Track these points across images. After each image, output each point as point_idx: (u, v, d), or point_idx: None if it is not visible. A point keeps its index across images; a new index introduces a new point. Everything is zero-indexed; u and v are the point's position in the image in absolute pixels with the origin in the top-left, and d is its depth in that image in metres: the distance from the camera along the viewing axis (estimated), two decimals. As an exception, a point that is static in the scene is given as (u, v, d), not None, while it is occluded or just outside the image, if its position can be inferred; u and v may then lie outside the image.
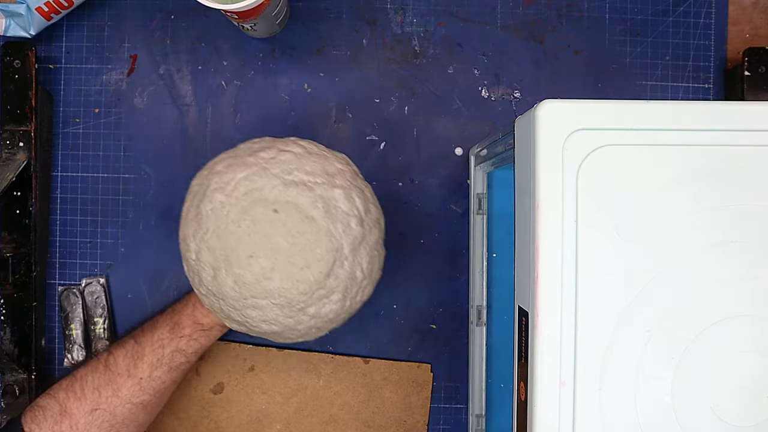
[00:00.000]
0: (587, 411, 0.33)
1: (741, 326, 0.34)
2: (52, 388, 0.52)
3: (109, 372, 0.52)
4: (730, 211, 0.34)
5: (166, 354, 0.53)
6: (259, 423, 0.62)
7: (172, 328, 0.54)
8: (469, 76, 0.63)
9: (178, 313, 0.55)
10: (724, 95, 0.63)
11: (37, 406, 0.51)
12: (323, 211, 0.45)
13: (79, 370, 0.53)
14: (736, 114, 0.34)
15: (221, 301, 0.47)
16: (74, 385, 0.51)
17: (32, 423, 0.50)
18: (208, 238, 0.46)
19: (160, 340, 0.53)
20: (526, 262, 0.34)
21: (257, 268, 0.45)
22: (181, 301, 0.57)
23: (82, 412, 0.50)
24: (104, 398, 0.51)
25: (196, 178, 0.51)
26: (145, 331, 0.54)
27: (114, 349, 0.54)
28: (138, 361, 0.52)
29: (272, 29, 0.61)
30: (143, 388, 0.52)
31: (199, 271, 0.47)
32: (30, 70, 0.58)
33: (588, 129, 0.33)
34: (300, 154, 0.47)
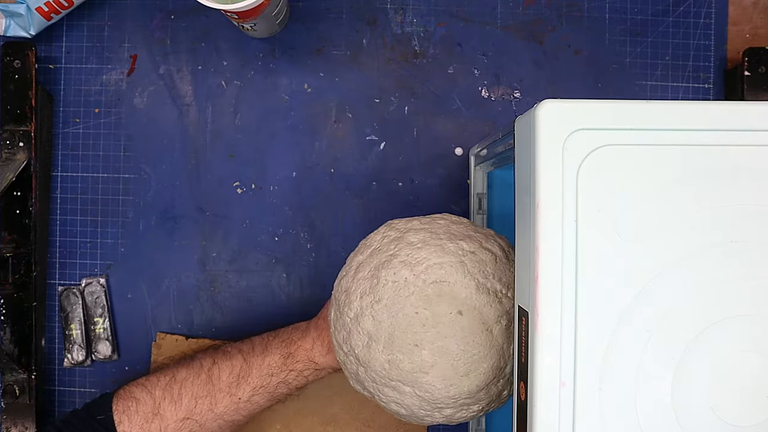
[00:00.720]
0: (587, 411, 0.33)
1: (741, 326, 0.34)
2: (149, 381, 0.52)
3: (211, 384, 0.51)
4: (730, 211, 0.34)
5: (272, 383, 0.52)
6: (259, 423, 0.62)
7: (285, 359, 0.52)
8: (469, 76, 0.63)
9: (294, 345, 0.52)
10: (724, 95, 0.63)
11: (132, 397, 0.50)
12: (504, 328, 0.43)
13: (179, 370, 0.52)
14: (736, 114, 0.34)
15: (361, 368, 0.45)
16: (173, 388, 0.51)
17: (123, 413, 0.49)
18: (379, 308, 0.42)
19: (270, 368, 0.51)
20: (526, 262, 0.34)
21: (418, 360, 0.42)
22: (298, 331, 0.54)
23: (175, 418, 0.50)
24: (199, 409, 0.50)
25: (384, 226, 0.47)
26: (255, 351, 0.52)
27: (220, 360, 0.52)
28: (242, 382, 0.51)
29: (272, 29, 0.61)
30: (239, 409, 0.51)
31: (352, 332, 0.44)
32: (30, 70, 0.58)
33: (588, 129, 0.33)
34: (499, 258, 0.44)
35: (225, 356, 0.52)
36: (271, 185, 0.62)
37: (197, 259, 0.62)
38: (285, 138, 0.62)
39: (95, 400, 0.52)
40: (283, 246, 0.63)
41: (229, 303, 0.62)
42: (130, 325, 0.62)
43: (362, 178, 0.63)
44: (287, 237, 0.63)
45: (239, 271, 0.63)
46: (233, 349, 0.53)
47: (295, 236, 0.63)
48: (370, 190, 0.63)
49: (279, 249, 0.63)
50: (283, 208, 0.62)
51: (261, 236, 0.62)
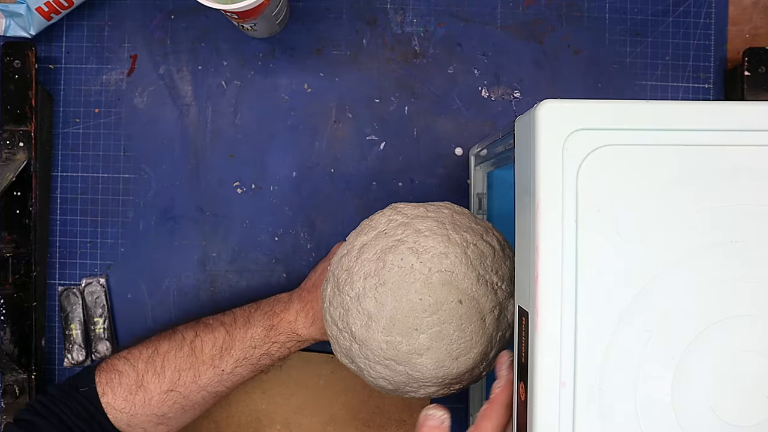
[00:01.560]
0: (587, 411, 0.33)
1: (741, 326, 0.34)
2: (131, 354, 0.52)
3: (194, 357, 0.51)
4: (730, 211, 0.34)
5: (255, 355, 0.52)
6: (259, 423, 0.62)
7: (267, 331, 0.52)
8: (469, 76, 0.63)
9: (277, 317, 0.53)
10: (724, 95, 0.63)
11: (115, 369, 0.51)
12: (495, 318, 0.45)
13: (161, 342, 0.52)
14: (736, 114, 0.34)
15: (356, 345, 0.46)
16: (155, 360, 0.51)
17: (106, 385, 0.50)
18: (383, 291, 0.44)
19: (253, 340, 0.52)
20: (526, 262, 0.34)
21: (415, 343, 0.44)
22: (280, 303, 0.54)
23: (158, 390, 0.50)
24: (183, 382, 0.51)
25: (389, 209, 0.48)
26: (238, 323, 0.53)
27: (202, 332, 0.52)
28: (225, 354, 0.52)
29: (272, 29, 0.61)
30: (222, 380, 0.52)
31: (351, 310, 0.45)
32: (30, 70, 0.58)
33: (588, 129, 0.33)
34: (497, 251, 0.46)
35: (207, 329, 0.53)
36: (271, 185, 0.62)
37: (197, 259, 0.62)
38: (285, 138, 0.62)
39: (78, 374, 0.52)
40: (283, 246, 0.63)
41: (229, 303, 0.62)
42: (130, 325, 0.62)
43: (362, 178, 0.63)
44: (287, 237, 0.63)
45: (239, 271, 0.63)
46: (215, 321, 0.54)
47: (295, 236, 0.63)
48: (370, 190, 0.63)
49: (279, 249, 0.63)
50: (283, 208, 0.62)
51: (261, 236, 0.62)
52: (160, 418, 0.51)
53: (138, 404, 0.50)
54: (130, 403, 0.50)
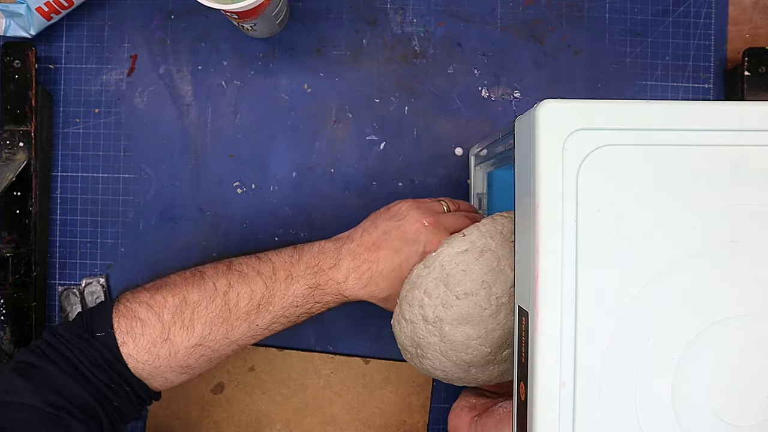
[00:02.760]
0: (587, 411, 0.33)
1: (741, 326, 0.34)
2: (155, 300, 0.46)
3: (227, 311, 0.46)
4: (730, 211, 0.34)
5: (295, 313, 0.48)
6: (259, 423, 0.62)
7: (312, 289, 0.47)
8: (469, 76, 0.63)
9: (324, 275, 0.48)
10: (724, 95, 0.63)
11: (137, 317, 0.45)
12: None
13: (190, 291, 0.46)
14: (736, 114, 0.34)
15: (436, 339, 0.45)
16: (184, 312, 0.46)
17: (127, 334, 0.45)
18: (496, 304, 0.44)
19: (294, 298, 0.47)
20: (526, 262, 0.34)
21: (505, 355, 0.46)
22: (328, 257, 0.48)
23: (186, 344, 0.46)
24: (213, 336, 0.46)
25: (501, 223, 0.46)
26: (278, 276, 0.47)
27: (237, 283, 0.47)
28: (262, 310, 0.47)
29: (272, 29, 0.61)
30: (255, 335, 0.48)
31: (452, 307, 0.44)
32: (30, 70, 0.58)
33: (588, 129, 0.33)
34: None
35: (242, 279, 0.47)
36: (271, 185, 0.62)
37: (197, 259, 0.62)
38: (285, 138, 0.62)
39: (92, 312, 0.47)
40: (283, 246, 0.62)
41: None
42: (130, 325, 0.62)
43: (362, 178, 0.63)
44: (287, 237, 0.63)
45: (239, 271, 0.62)
46: (250, 269, 0.48)
47: (295, 236, 0.63)
48: (370, 190, 0.63)
49: (279, 249, 0.62)
50: (283, 208, 0.62)
51: (261, 236, 0.62)
52: (184, 368, 0.47)
53: (162, 357, 0.45)
54: (154, 355, 0.45)
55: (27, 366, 0.43)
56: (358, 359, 0.62)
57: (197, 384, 0.61)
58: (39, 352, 0.44)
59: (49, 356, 0.44)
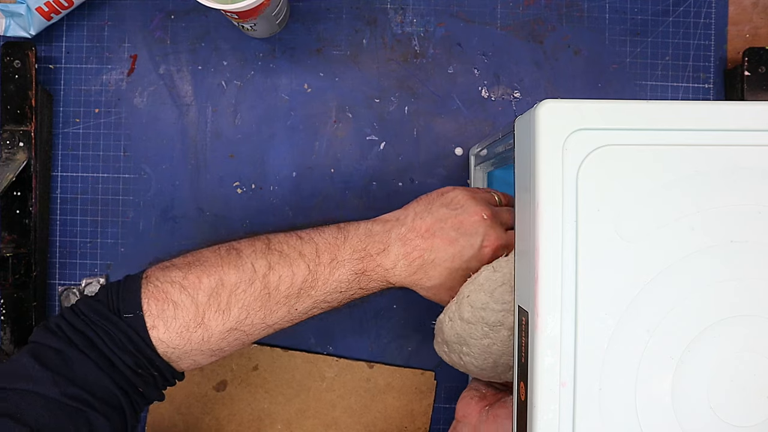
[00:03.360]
0: (587, 411, 0.33)
1: (741, 326, 0.34)
2: (188, 281, 0.43)
3: (267, 295, 0.43)
4: (730, 211, 0.34)
5: (337, 299, 0.45)
6: (260, 422, 0.62)
7: (358, 275, 0.45)
8: (469, 76, 0.63)
9: (372, 260, 0.45)
10: (724, 95, 0.63)
11: (169, 299, 0.42)
12: None
13: (227, 272, 0.43)
14: (736, 114, 0.34)
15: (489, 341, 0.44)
16: (220, 294, 0.43)
17: (158, 317, 0.42)
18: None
19: (339, 284, 0.45)
20: (526, 262, 0.34)
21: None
22: (375, 242, 0.46)
23: (220, 329, 0.43)
24: (250, 321, 0.44)
25: None
26: (321, 259, 0.44)
27: (277, 265, 0.44)
28: (303, 295, 0.44)
29: (272, 29, 0.61)
30: (293, 319, 0.45)
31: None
32: (30, 70, 0.58)
33: (588, 129, 0.33)
34: None
35: (284, 261, 0.44)
36: (271, 185, 0.62)
37: (197, 259, 0.62)
38: (285, 138, 0.62)
39: (119, 291, 0.44)
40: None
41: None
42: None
43: (362, 178, 0.63)
44: (287, 237, 0.63)
45: (239, 271, 0.62)
46: (292, 250, 0.45)
47: (295, 236, 0.63)
48: (370, 190, 0.63)
49: (279, 249, 0.62)
50: (283, 208, 0.62)
51: (261, 236, 0.62)
52: (215, 351, 0.45)
53: (195, 341, 0.43)
54: (186, 339, 0.42)
55: (46, 350, 0.40)
56: (362, 363, 0.62)
57: (200, 381, 0.61)
58: (61, 335, 0.41)
59: (72, 340, 0.41)
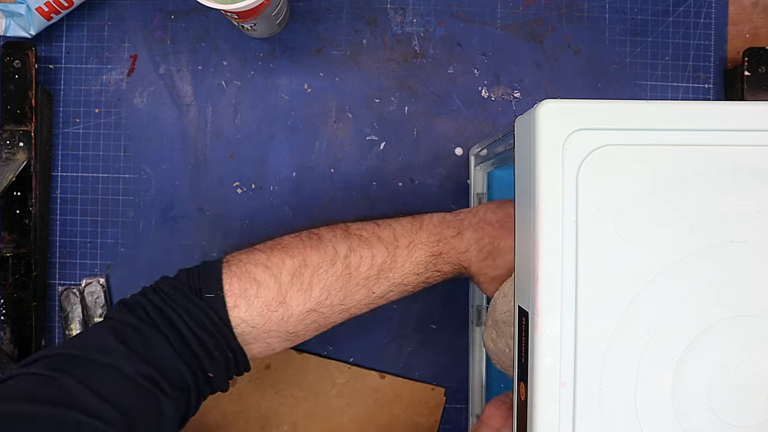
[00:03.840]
0: (587, 411, 0.33)
1: (741, 326, 0.34)
2: (271, 261, 0.44)
3: (348, 275, 0.44)
4: (730, 211, 0.34)
5: (413, 282, 0.46)
6: (267, 421, 0.62)
7: (435, 258, 0.46)
8: (469, 76, 0.63)
9: (447, 244, 0.46)
10: (724, 95, 0.63)
11: (253, 278, 0.43)
12: None
13: (309, 253, 0.44)
14: (736, 114, 0.34)
15: None
16: (303, 274, 0.43)
17: (240, 297, 0.42)
18: None
19: (416, 266, 0.45)
20: (526, 262, 0.34)
21: None
22: (450, 228, 0.47)
23: (301, 309, 0.43)
24: (329, 302, 0.44)
25: None
26: (400, 243, 0.46)
27: (357, 247, 0.45)
28: (382, 277, 0.45)
29: (272, 29, 0.61)
30: (369, 303, 0.46)
31: None
32: (30, 70, 0.58)
33: (588, 129, 0.33)
34: None
35: (363, 243, 0.45)
36: (271, 185, 0.62)
37: (197, 259, 0.62)
38: (285, 138, 0.62)
39: (200, 273, 0.44)
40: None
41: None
42: (130, 325, 0.62)
43: (362, 178, 0.63)
44: (287, 237, 0.63)
45: (239, 271, 0.62)
46: (371, 235, 0.46)
47: (295, 236, 0.62)
48: (370, 190, 0.63)
49: (279, 249, 0.62)
50: (283, 208, 0.62)
51: (261, 236, 0.62)
52: (290, 335, 0.45)
53: (274, 321, 0.43)
54: (266, 318, 0.43)
55: (125, 327, 0.40)
56: (374, 373, 0.62)
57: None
58: (141, 313, 0.41)
59: (151, 318, 0.41)
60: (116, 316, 0.42)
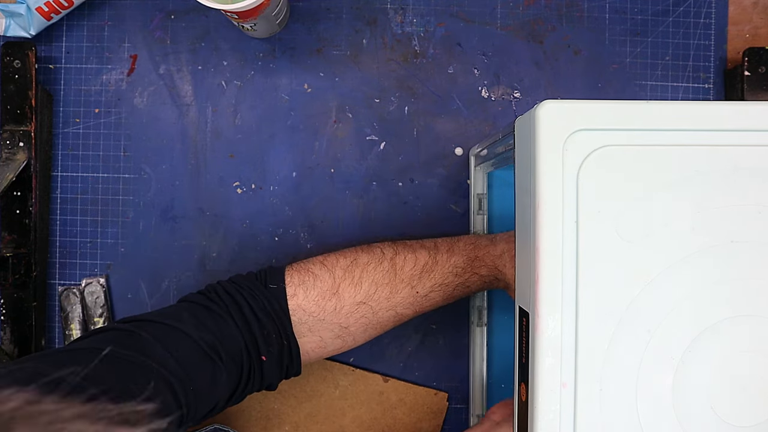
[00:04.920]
0: (588, 412, 0.33)
1: (741, 326, 0.34)
2: (328, 260, 0.50)
3: (393, 273, 0.49)
4: (730, 211, 0.34)
5: (454, 282, 0.51)
6: (268, 421, 0.62)
7: (471, 261, 0.51)
8: (469, 76, 0.63)
9: (482, 249, 0.51)
10: (724, 95, 0.63)
11: (310, 271, 0.49)
12: None
13: (360, 254, 0.50)
14: (736, 114, 0.34)
15: None
16: (354, 270, 0.49)
17: (299, 286, 0.48)
18: None
19: (455, 267, 0.50)
20: (526, 262, 0.34)
21: None
22: (484, 239, 0.52)
23: (352, 301, 0.49)
24: (377, 296, 0.49)
25: None
26: (440, 249, 0.51)
27: (402, 251, 0.51)
28: (425, 276, 0.50)
29: (272, 29, 0.61)
30: (413, 303, 0.50)
31: None
32: (30, 70, 0.58)
33: (588, 129, 0.33)
34: None
35: (407, 248, 0.51)
36: (271, 185, 0.62)
37: (197, 259, 0.62)
38: (285, 138, 0.62)
39: (265, 270, 0.51)
40: (283, 246, 0.63)
41: (229, 303, 0.62)
42: (130, 325, 0.62)
43: (362, 178, 0.63)
44: (287, 237, 0.63)
45: (239, 271, 0.62)
46: (415, 243, 0.52)
47: (295, 236, 0.63)
48: (370, 190, 0.63)
49: (279, 249, 0.62)
50: (283, 208, 0.62)
51: (261, 236, 0.62)
52: (342, 329, 0.49)
53: (328, 310, 0.48)
54: (321, 307, 0.48)
55: (197, 305, 0.47)
56: (378, 376, 0.62)
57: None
58: (213, 296, 0.48)
59: (222, 300, 0.47)
60: (191, 297, 0.49)
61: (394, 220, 0.62)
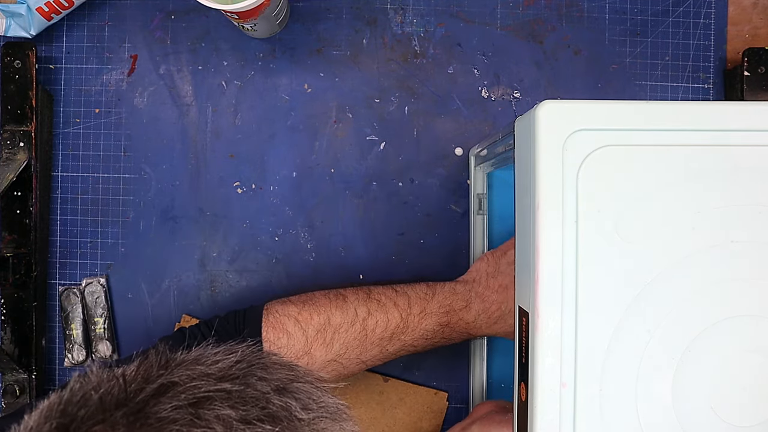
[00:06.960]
0: (588, 412, 0.33)
1: (741, 326, 0.34)
2: (302, 316, 0.51)
3: (364, 336, 0.51)
4: (730, 211, 0.34)
5: (422, 345, 0.53)
6: (261, 422, 0.61)
7: (443, 327, 0.53)
8: (469, 76, 0.63)
9: (455, 315, 0.53)
10: (724, 95, 0.63)
11: (284, 329, 0.51)
12: None
13: (333, 313, 0.52)
14: (736, 114, 0.34)
15: None
16: (326, 331, 0.51)
17: (273, 344, 0.50)
18: None
19: (425, 332, 0.52)
20: (526, 262, 0.34)
21: None
22: (459, 299, 0.53)
23: (323, 360, 0.51)
24: (347, 356, 0.51)
25: None
26: (413, 310, 0.52)
27: (375, 312, 0.52)
28: (395, 339, 0.52)
29: (272, 29, 0.61)
30: (383, 358, 0.53)
31: None
32: (30, 70, 0.58)
33: (588, 129, 0.33)
34: None
35: (381, 309, 0.52)
36: (271, 185, 0.62)
37: (197, 259, 0.62)
38: (285, 138, 0.62)
39: (245, 317, 0.52)
40: (283, 246, 0.63)
41: (230, 303, 0.62)
42: (130, 325, 0.62)
43: (362, 178, 0.63)
44: (287, 237, 0.63)
45: (239, 271, 0.63)
46: (388, 300, 0.53)
47: (295, 236, 0.63)
48: (370, 190, 0.63)
49: (279, 249, 0.63)
50: (283, 208, 0.62)
51: (261, 236, 0.62)
52: None
53: None
54: None
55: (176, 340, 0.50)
56: (378, 376, 0.62)
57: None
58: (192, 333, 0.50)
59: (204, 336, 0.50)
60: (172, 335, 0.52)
61: (394, 220, 0.62)
